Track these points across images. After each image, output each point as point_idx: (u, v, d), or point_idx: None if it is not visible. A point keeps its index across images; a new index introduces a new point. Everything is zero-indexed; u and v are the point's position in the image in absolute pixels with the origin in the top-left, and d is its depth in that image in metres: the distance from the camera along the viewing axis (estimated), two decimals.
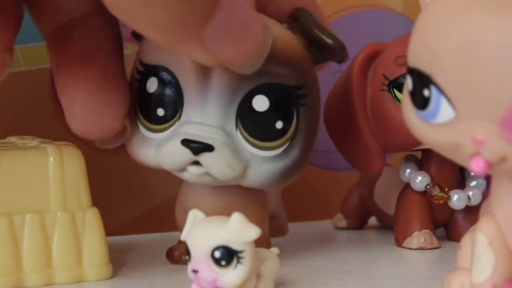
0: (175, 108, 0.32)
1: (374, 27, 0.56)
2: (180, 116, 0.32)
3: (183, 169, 0.32)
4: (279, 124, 0.31)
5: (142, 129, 0.33)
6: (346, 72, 0.44)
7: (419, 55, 0.23)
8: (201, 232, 0.27)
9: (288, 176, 0.33)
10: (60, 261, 0.34)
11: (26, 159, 0.34)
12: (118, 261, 0.38)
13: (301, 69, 0.32)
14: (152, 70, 0.33)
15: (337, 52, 0.33)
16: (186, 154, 0.31)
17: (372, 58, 0.42)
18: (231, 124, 0.31)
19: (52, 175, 0.34)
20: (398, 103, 0.41)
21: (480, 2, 0.21)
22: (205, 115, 0.31)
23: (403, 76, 0.41)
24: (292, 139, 0.32)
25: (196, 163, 0.31)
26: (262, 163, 0.32)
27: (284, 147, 0.32)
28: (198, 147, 0.31)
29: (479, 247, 0.24)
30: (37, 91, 0.48)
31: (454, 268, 0.26)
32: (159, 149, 0.32)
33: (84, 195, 0.34)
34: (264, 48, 0.29)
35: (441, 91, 0.22)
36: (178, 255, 0.37)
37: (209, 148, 0.30)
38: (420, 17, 0.23)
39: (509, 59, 0.20)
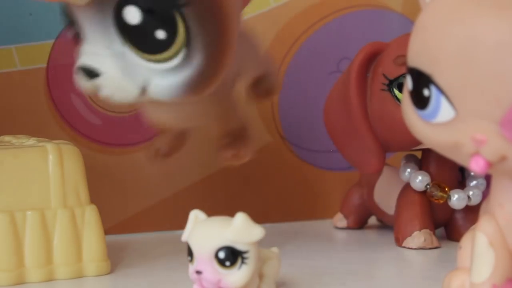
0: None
1: (374, 27, 0.56)
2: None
3: None
4: (160, 34, 0.29)
5: None
6: (346, 72, 0.44)
7: (419, 55, 0.23)
8: (204, 232, 0.27)
9: (197, 86, 0.30)
10: (60, 257, 0.34)
11: (26, 157, 0.34)
12: (116, 258, 0.38)
13: None
14: None
15: None
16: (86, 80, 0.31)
17: (372, 58, 0.42)
18: (116, 42, 0.29)
19: (52, 173, 0.34)
20: (398, 103, 0.41)
21: (479, 2, 0.21)
22: (88, 43, 0.30)
23: (403, 76, 0.41)
24: (187, 45, 0.29)
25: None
26: (162, 76, 0.29)
27: (181, 56, 0.29)
28: (86, 73, 0.30)
29: (479, 247, 0.23)
30: (33, 91, 0.48)
31: (454, 268, 0.26)
32: None
33: (83, 192, 0.35)
34: None
35: (441, 90, 0.22)
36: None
37: (93, 73, 0.30)
38: (419, 17, 0.23)
39: (508, 58, 0.20)
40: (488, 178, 0.43)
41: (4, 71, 0.48)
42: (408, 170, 0.43)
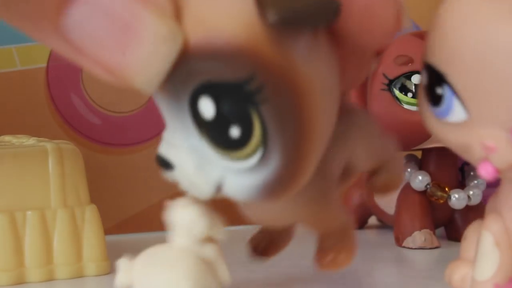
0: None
1: None
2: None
3: None
4: (234, 132, 0.25)
5: None
6: None
7: (435, 52, 0.22)
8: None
9: (274, 189, 0.26)
10: (60, 256, 0.34)
11: (26, 157, 0.34)
12: (116, 258, 0.38)
13: (242, 56, 0.24)
14: None
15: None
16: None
17: None
18: (194, 135, 0.26)
19: (52, 173, 0.34)
20: (398, 103, 0.41)
21: (497, 6, 0.21)
22: (168, 130, 0.27)
23: (403, 75, 0.41)
24: (264, 145, 0.25)
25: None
26: (237, 176, 0.26)
27: (257, 156, 0.26)
28: (161, 164, 0.27)
29: (485, 246, 0.23)
30: (33, 91, 0.48)
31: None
32: None
33: (83, 192, 0.35)
34: (156, 61, 0.24)
35: (454, 91, 0.22)
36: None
37: (168, 165, 0.27)
38: (438, 13, 0.22)
39: None
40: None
41: (4, 71, 0.48)
42: (408, 170, 0.43)
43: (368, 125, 0.32)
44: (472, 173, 0.44)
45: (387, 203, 0.46)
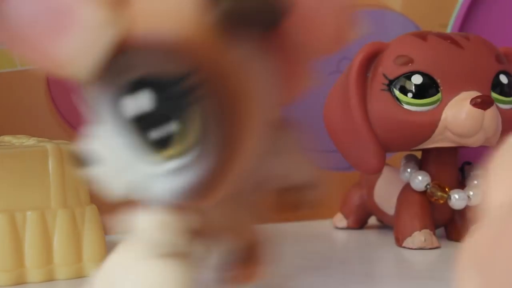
0: None
1: (374, 27, 0.56)
2: None
3: None
4: (168, 128, 0.24)
5: None
6: (346, 72, 0.44)
7: None
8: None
9: (201, 192, 0.25)
10: (60, 256, 0.34)
11: (26, 157, 0.34)
12: None
13: (182, 52, 0.24)
14: None
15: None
16: None
17: (372, 58, 0.42)
18: (122, 132, 0.25)
19: (52, 173, 0.34)
20: (398, 102, 0.41)
21: None
22: (93, 125, 0.27)
23: (403, 76, 0.41)
24: (198, 143, 0.25)
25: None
26: (167, 176, 0.25)
27: (190, 155, 0.25)
28: (79, 159, 0.27)
29: None
30: (33, 91, 0.48)
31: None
32: None
33: (83, 192, 0.35)
34: (91, 48, 0.24)
35: None
36: None
37: (86, 161, 0.26)
38: None
39: None
40: None
41: (4, 71, 0.48)
42: (408, 170, 0.43)
43: (291, 143, 0.32)
44: (472, 173, 0.44)
45: (387, 203, 0.46)
